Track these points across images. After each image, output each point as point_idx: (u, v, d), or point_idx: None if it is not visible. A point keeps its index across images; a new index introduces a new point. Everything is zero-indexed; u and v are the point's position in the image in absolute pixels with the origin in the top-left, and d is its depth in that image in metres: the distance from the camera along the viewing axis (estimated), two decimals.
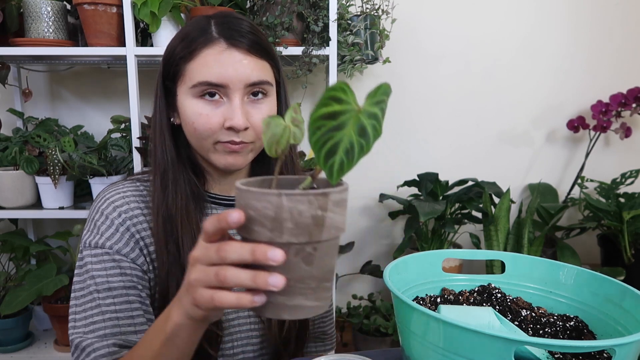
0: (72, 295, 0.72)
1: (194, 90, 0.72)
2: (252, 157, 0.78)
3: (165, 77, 0.77)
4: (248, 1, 1.62)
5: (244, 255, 0.43)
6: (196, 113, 0.72)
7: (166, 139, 0.77)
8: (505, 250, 1.78)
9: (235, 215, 0.43)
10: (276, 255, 0.42)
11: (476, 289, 0.72)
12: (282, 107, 0.81)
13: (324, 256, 0.45)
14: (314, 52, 1.54)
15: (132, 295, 0.71)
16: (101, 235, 0.72)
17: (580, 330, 0.63)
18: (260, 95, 0.74)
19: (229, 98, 0.72)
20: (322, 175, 0.46)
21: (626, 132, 1.91)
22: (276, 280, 0.43)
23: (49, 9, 1.51)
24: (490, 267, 1.73)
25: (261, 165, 0.83)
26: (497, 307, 0.68)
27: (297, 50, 1.55)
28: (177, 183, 0.76)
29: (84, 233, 0.74)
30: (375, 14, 1.65)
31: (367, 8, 1.64)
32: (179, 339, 0.55)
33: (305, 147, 1.69)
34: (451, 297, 0.70)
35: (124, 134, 1.69)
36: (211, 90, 0.71)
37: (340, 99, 0.41)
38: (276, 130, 0.45)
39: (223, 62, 0.70)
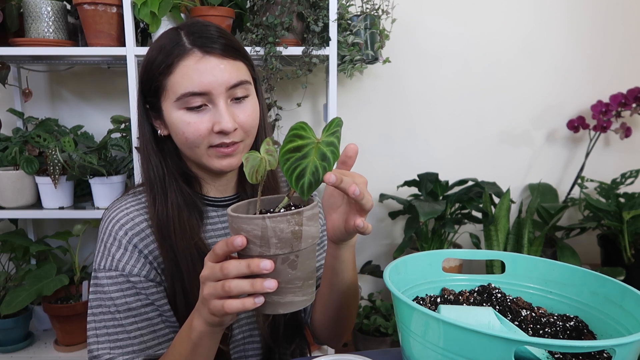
0: (90, 312, 0.76)
1: (179, 103, 0.74)
2: None
3: (146, 93, 0.79)
4: (248, 1, 1.62)
5: (242, 269, 0.55)
6: (184, 122, 0.75)
7: (151, 155, 0.81)
8: (505, 250, 1.78)
9: (239, 240, 0.54)
10: (267, 265, 0.53)
11: (476, 289, 0.73)
12: (260, 103, 0.83)
13: (305, 260, 0.57)
14: (314, 52, 1.54)
15: (151, 312, 0.76)
16: (113, 257, 0.76)
17: (580, 330, 0.63)
18: (242, 99, 0.77)
19: (214, 104, 0.75)
20: (297, 193, 0.56)
21: (626, 132, 1.91)
22: (270, 284, 0.54)
23: (49, 9, 1.51)
24: (490, 267, 1.73)
25: None
26: (497, 307, 0.68)
27: (297, 50, 1.55)
28: (166, 195, 0.79)
29: (96, 254, 0.78)
30: (375, 14, 1.65)
31: (367, 8, 1.64)
32: (204, 343, 0.66)
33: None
34: (451, 297, 0.71)
35: (124, 134, 1.69)
36: (196, 102, 0.74)
37: (302, 136, 0.54)
38: (254, 162, 0.56)
39: (202, 71, 0.73)
